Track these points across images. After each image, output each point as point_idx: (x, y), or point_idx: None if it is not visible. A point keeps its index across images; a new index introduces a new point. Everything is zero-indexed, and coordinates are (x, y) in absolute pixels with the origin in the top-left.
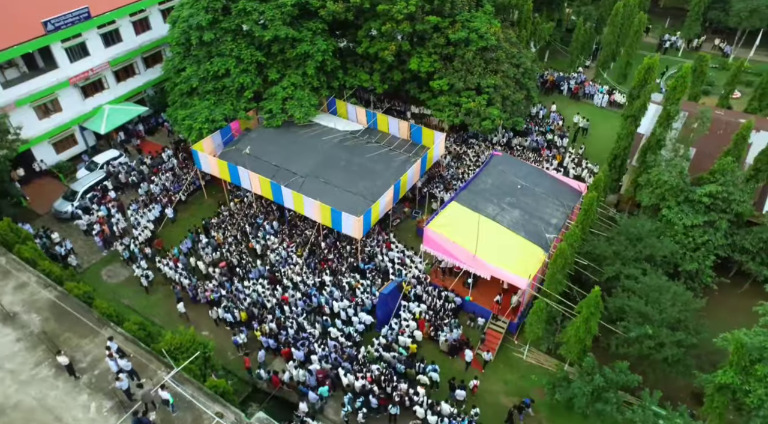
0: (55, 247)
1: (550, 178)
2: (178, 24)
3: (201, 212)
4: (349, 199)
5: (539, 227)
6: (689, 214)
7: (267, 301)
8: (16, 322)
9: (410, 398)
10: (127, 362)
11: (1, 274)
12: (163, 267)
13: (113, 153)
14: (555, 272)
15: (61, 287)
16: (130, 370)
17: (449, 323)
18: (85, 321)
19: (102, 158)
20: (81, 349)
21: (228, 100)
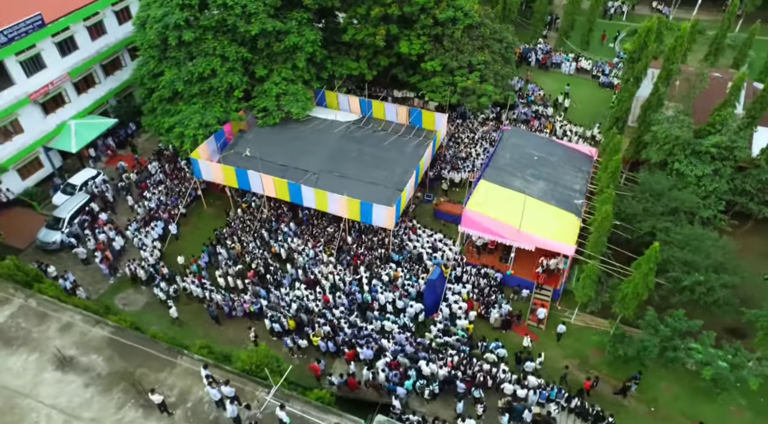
0: (58, 281)
1: (560, 146)
2: (149, 25)
3: (203, 223)
4: (371, 190)
5: (565, 194)
6: (698, 165)
7: (315, 305)
8: (76, 367)
9: (493, 377)
10: (230, 388)
11: (38, 317)
12: (189, 286)
13: (90, 172)
14: (600, 235)
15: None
16: (234, 396)
17: (497, 299)
18: (155, 353)
19: (79, 179)
20: (163, 383)
21: (217, 102)
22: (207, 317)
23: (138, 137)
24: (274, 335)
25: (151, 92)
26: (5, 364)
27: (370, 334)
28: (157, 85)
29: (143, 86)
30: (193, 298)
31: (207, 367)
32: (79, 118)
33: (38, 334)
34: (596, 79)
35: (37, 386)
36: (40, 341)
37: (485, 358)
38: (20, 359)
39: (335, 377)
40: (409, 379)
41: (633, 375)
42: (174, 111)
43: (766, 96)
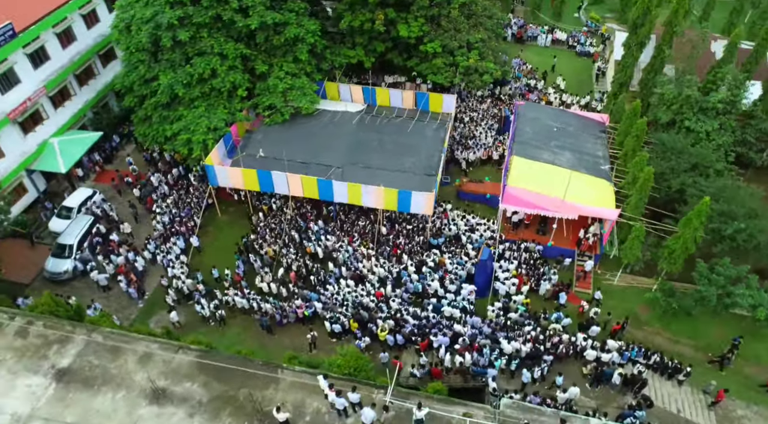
0: (86, 311)
1: (573, 115)
2: (136, 26)
3: (221, 233)
4: (400, 178)
5: (592, 161)
6: (706, 121)
7: (370, 300)
8: (172, 398)
9: (575, 346)
10: (357, 395)
11: (110, 352)
12: (234, 299)
13: (85, 192)
14: (642, 196)
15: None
16: (359, 402)
17: (545, 271)
18: (252, 371)
19: (74, 201)
20: (273, 400)
21: (220, 104)
22: (256, 328)
23: (122, 149)
24: (334, 337)
25: (142, 100)
26: (92, 406)
27: (439, 321)
28: (150, 91)
29: (132, 94)
30: (236, 310)
31: (327, 377)
32: (59, 135)
33: (117, 369)
34: (573, 49)
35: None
36: (122, 376)
37: (552, 329)
38: (106, 398)
39: (416, 370)
40: (496, 360)
41: (732, 343)
42: (173, 117)
43: (760, 51)
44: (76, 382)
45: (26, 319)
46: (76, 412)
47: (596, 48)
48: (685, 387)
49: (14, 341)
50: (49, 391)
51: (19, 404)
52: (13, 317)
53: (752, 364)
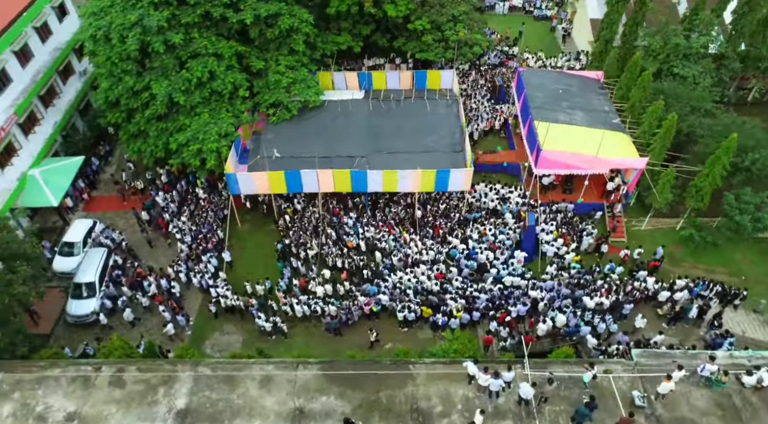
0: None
1: (570, 76)
2: (117, 34)
3: (246, 243)
4: (429, 158)
5: (602, 116)
6: (691, 66)
7: (434, 284)
8: (314, 416)
9: (647, 290)
10: (510, 373)
11: (225, 382)
12: (294, 307)
13: (85, 223)
14: (665, 142)
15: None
16: (512, 380)
17: (584, 227)
18: (382, 373)
19: (75, 235)
20: (416, 396)
21: (222, 108)
22: (320, 333)
23: (103, 171)
24: (406, 326)
25: (129, 114)
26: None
27: (511, 292)
28: (141, 102)
29: (116, 109)
30: (295, 319)
31: (477, 361)
32: (37, 166)
33: (241, 399)
34: (530, 15)
35: None
36: (250, 405)
37: (611, 279)
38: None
39: (507, 343)
40: (582, 317)
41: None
42: (174, 128)
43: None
44: (202, 420)
45: (114, 367)
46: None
47: (552, 11)
48: (740, 310)
49: (112, 392)
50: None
51: None
52: (98, 368)
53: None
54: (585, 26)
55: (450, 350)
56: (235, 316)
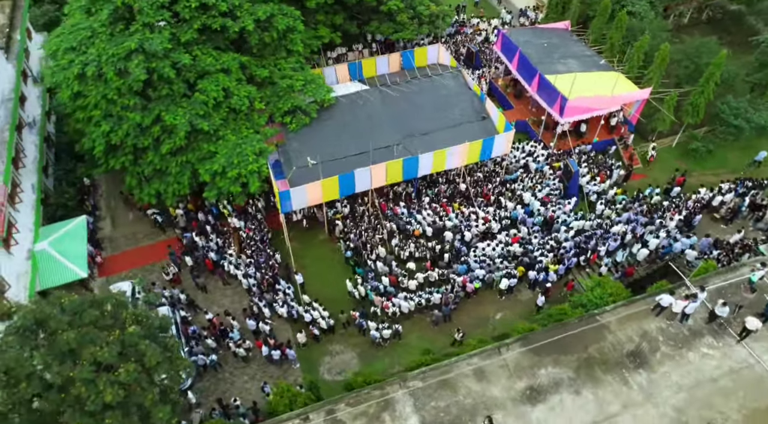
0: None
1: (544, 30)
2: (111, 66)
3: (304, 259)
4: (461, 130)
5: (591, 60)
6: (639, 2)
7: (517, 247)
8: (545, 389)
9: (702, 200)
10: (704, 293)
11: (444, 388)
12: (400, 305)
13: (123, 288)
14: (661, 71)
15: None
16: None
17: (612, 163)
18: (577, 331)
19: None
20: (620, 341)
21: (242, 125)
22: (425, 325)
23: (99, 228)
24: (505, 294)
25: (137, 155)
26: None
27: (593, 234)
28: (153, 139)
29: (121, 153)
30: (401, 317)
31: (704, 289)
32: (41, 239)
33: (469, 398)
34: None
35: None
36: (482, 400)
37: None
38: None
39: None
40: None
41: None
42: (197, 158)
43: None
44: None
45: (322, 411)
46: None
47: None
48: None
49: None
50: None
51: None
52: (305, 418)
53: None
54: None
55: (605, 295)
56: (334, 335)
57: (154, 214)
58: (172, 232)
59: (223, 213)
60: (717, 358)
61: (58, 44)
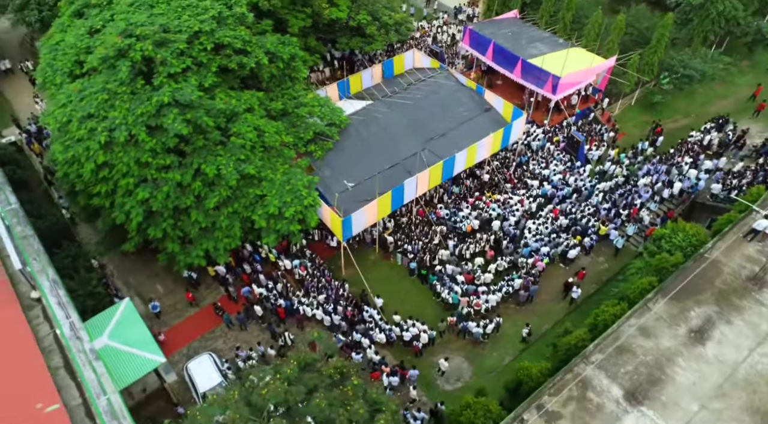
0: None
1: (499, 21)
2: (142, 127)
3: (368, 281)
4: (474, 125)
5: (552, 40)
6: None
7: (563, 220)
8: (708, 333)
9: (703, 141)
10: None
11: (622, 353)
12: (491, 297)
13: (205, 363)
14: (617, 39)
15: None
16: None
17: (599, 128)
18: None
19: (210, 381)
20: (739, 273)
21: (277, 161)
22: (516, 310)
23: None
24: (568, 264)
25: (176, 218)
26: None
27: (625, 191)
28: (194, 194)
29: (161, 219)
30: (491, 312)
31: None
32: (97, 335)
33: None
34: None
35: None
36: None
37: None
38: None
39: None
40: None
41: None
42: (242, 206)
43: None
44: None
45: (532, 408)
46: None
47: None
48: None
49: None
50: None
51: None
52: (521, 420)
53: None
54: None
55: (689, 236)
56: (434, 346)
57: (189, 275)
58: (210, 292)
59: (268, 259)
60: None
61: (69, 114)
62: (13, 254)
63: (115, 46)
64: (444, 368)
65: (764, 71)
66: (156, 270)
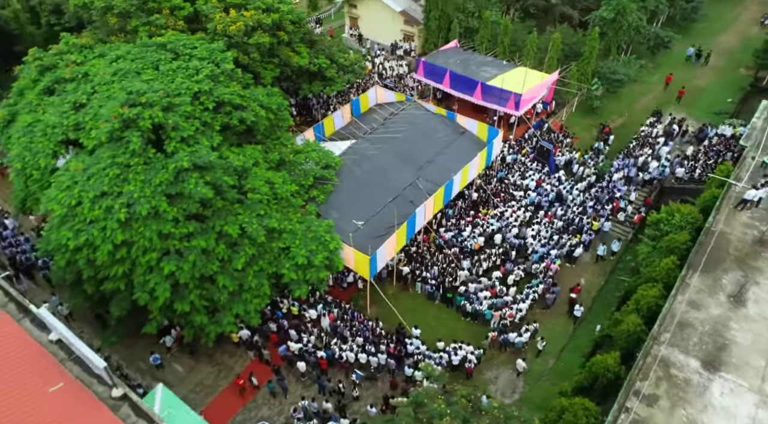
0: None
1: (442, 52)
2: (163, 201)
3: (395, 316)
4: (456, 147)
5: (497, 63)
6: (491, 8)
7: (558, 222)
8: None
9: (659, 134)
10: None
11: (664, 367)
12: (523, 305)
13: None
14: (555, 55)
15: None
16: None
17: (558, 136)
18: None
19: None
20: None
21: (289, 210)
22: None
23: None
24: (573, 262)
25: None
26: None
27: (600, 186)
28: (219, 258)
29: (187, 291)
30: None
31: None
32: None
33: None
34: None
35: None
36: None
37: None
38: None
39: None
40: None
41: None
42: (267, 263)
43: None
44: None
45: (632, 397)
46: None
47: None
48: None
49: None
50: None
51: None
52: (626, 409)
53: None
54: (377, 22)
55: (686, 215)
56: (480, 364)
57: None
58: (236, 360)
59: (290, 313)
60: None
61: (78, 196)
62: (92, 355)
63: (121, 117)
64: (522, 368)
65: (671, 67)
66: (160, 349)
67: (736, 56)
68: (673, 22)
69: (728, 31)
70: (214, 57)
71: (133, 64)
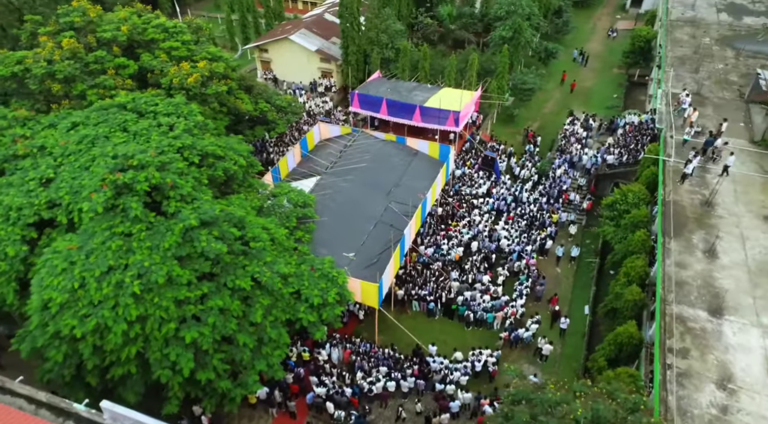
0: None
1: (370, 82)
2: (175, 257)
3: (402, 339)
4: (416, 168)
5: (424, 87)
6: (399, 39)
7: (520, 222)
8: None
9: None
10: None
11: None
12: (517, 305)
13: None
14: (474, 73)
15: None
16: None
17: (492, 145)
18: None
19: None
20: None
21: (286, 253)
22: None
23: None
24: (545, 255)
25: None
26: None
27: (545, 184)
28: (235, 314)
29: (209, 357)
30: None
31: (695, 151)
32: None
33: None
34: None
35: None
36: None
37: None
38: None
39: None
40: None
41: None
42: (281, 311)
43: None
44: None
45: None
46: None
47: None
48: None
49: None
50: None
51: None
52: (669, 366)
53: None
54: (291, 63)
55: (638, 192)
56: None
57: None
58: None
59: (300, 359)
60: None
61: (79, 278)
62: None
63: (113, 184)
64: (547, 351)
65: (561, 72)
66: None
67: (606, 59)
68: (549, 36)
69: (591, 40)
70: (180, 111)
71: (98, 128)
